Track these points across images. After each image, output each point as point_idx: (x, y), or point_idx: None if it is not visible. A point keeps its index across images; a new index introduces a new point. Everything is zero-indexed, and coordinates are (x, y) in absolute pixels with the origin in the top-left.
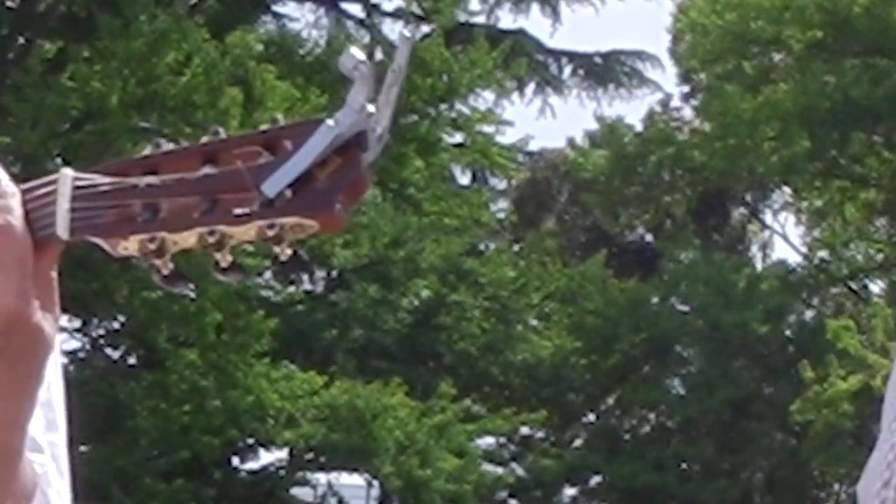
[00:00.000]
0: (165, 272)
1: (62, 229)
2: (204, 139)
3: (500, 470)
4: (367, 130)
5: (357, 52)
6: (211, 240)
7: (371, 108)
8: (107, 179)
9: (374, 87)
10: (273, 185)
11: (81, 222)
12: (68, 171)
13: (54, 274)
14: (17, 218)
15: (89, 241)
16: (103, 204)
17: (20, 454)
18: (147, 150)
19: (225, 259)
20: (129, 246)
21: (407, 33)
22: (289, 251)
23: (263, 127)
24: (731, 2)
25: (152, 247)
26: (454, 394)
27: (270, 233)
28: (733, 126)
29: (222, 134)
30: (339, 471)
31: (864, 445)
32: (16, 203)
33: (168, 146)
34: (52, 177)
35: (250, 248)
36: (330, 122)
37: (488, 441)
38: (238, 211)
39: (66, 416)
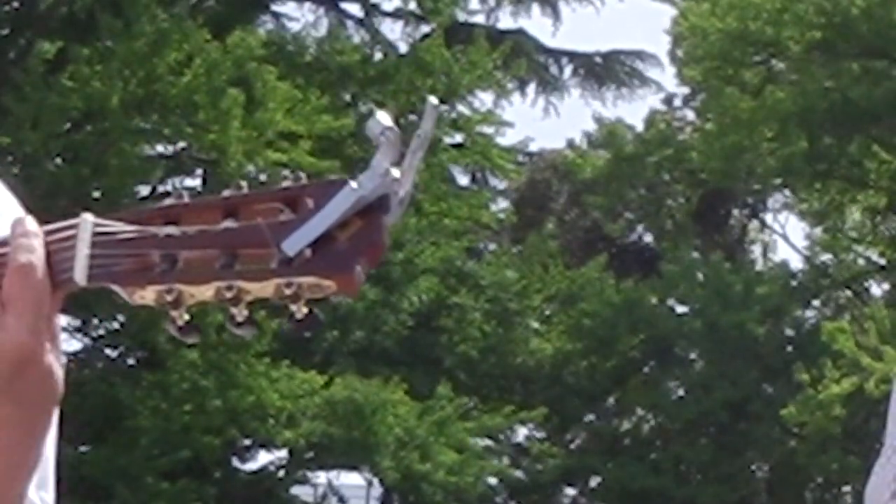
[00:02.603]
0: (180, 323)
1: (80, 275)
2: (226, 193)
3: (503, 460)
4: (390, 194)
5: (384, 118)
6: (228, 294)
7: (395, 172)
8: (127, 227)
9: (399, 151)
10: (293, 244)
11: (99, 269)
12: (89, 217)
13: (59, 320)
14: (39, 258)
15: (107, 287)
16: (122, 252)
17: None
18: (170, 200)
19: (241, 314)
20: (146, 295)
21: (434, 101)
22: (305, 310)
23: (286, 184)
24: (731, 3)
25: (169, 298)
26: (452, 396)
27: (288, 291)
28: (732, 127)
29: (244, 188)
30: (338, 468)
31: (858, 447)
32: (38, 244)
33: (190, 198)
34: (73, 221)
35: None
36: (353, 184)
37: (487, 443)
38: (257, 268)
39: (55, 469)
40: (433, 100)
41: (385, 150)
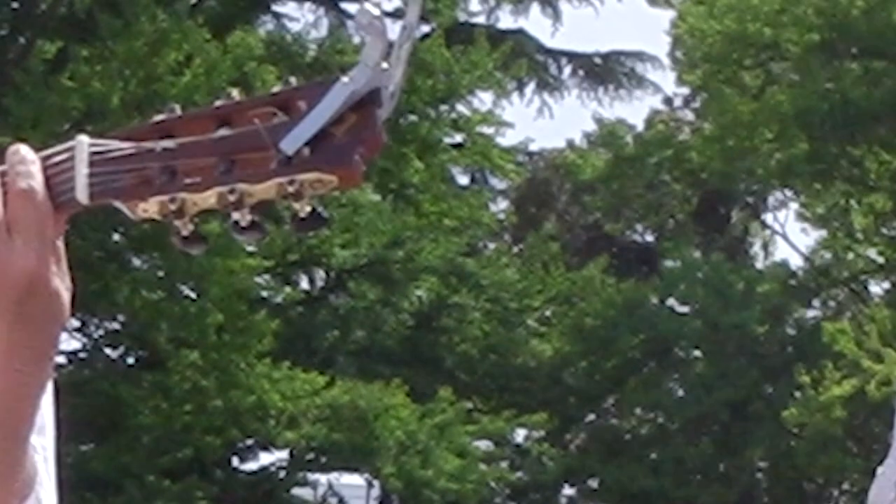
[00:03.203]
0: (185, 233)
1: (82, 194)
2: (218, 102)
3: (502, 465)
4: (381, 87)
5: (372, 8)
6: (231, 198)
7: (385, 64)
8: (123, 144)
9: (387, 43)
10: (291, 143)
11: (100, 187)
12: (84, 138)
13: (61, 243)
14: (38, 183)
15: (109, 204)
16: (121, 168)
17: (31, 429)
18: (162, 115)
19: (245, 219)
20: (149, 208)
21: None
22: (308, 208)
23: (276, 89)
24: (730, 4)
25: (172, 207)
26: (453, 400)
27: (290, 189)
28: (732, 129)
29: (236, 96)
30: (340, 471)
31: (858, 448)
32: (37, 169)
33: (182, 110)
34: (68, 143)
35: (251, 248)
36: (345, 79)
37: (487, 443)
38: (257, 170)
39: (54, 422)
40: None
41: (374, 42)
